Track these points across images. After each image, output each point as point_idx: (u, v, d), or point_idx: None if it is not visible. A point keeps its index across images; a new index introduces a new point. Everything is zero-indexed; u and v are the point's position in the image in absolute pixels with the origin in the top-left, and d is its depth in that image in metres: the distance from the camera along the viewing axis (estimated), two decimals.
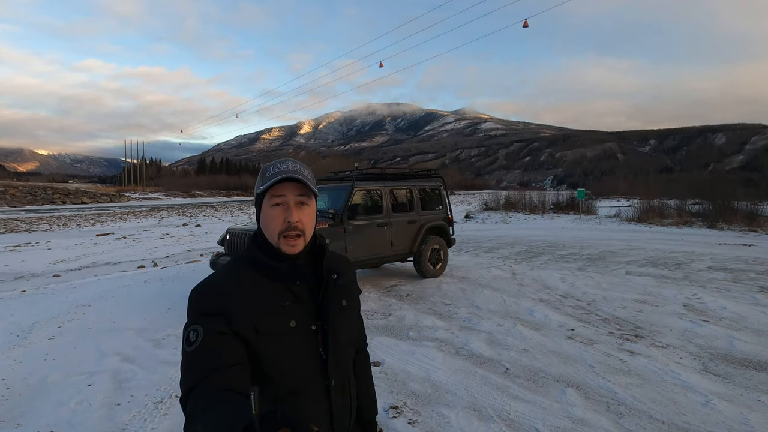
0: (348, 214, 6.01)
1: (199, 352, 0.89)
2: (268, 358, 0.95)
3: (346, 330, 1.09)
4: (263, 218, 1.04)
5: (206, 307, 0.95)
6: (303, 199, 1.02)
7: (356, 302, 1.20)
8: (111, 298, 6.34)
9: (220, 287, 0.98)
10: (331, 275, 1.08)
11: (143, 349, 4.18)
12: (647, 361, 3.67)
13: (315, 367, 1.01)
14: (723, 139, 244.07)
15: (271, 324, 0.96)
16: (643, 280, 6.89)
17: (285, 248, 1.01)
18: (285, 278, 1.01)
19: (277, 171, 1.01)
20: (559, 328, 4.62)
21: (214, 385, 0.85)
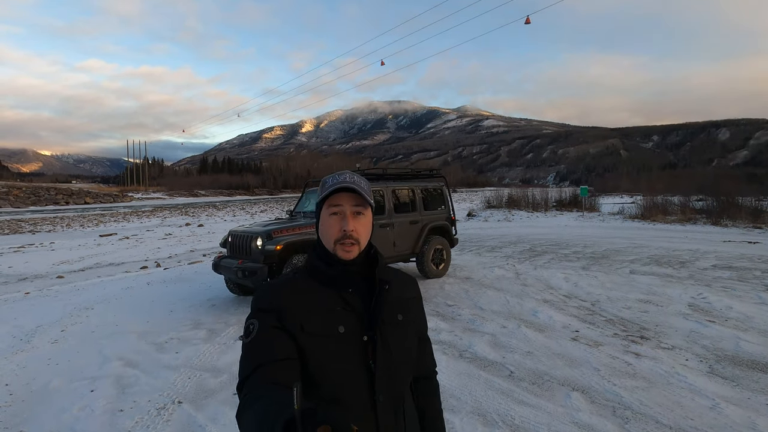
0: None
1: (253, 344, 0.97)
2: (314, 359, 0.97)
3: (401, 346, 1.07)
4: (321, 226, 1.08)
5: (262, 304, 1.03)
6: (359, 209, 1.06)
7: (416, 320, 1.17)
8: (114, 300, 6.34)
9: (276, 287, 1.06)
10: (383, 286, 1.08)
11: (146, 353, 4.17)
12: (653, 363, 3.63)
13: (362, 378, 1.00)
14: (727, 134, 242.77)
15: (317, 325, 0.99)
16: (647, 280, 6.84)
17: (340, 254, 1.04)
18: (337, 285, 1.05)
19: (335, 182, 1.05)
20: (563, 329, 4.59)
21: (263, 377, 0.91)
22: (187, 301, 6.12)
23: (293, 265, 5.19)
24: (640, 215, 19.28)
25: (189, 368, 3.76)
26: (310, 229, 5.65)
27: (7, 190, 50.46)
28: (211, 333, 4.71)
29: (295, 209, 6.97)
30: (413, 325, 1.14)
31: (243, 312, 5.45)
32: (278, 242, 5.17)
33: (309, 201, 6.92)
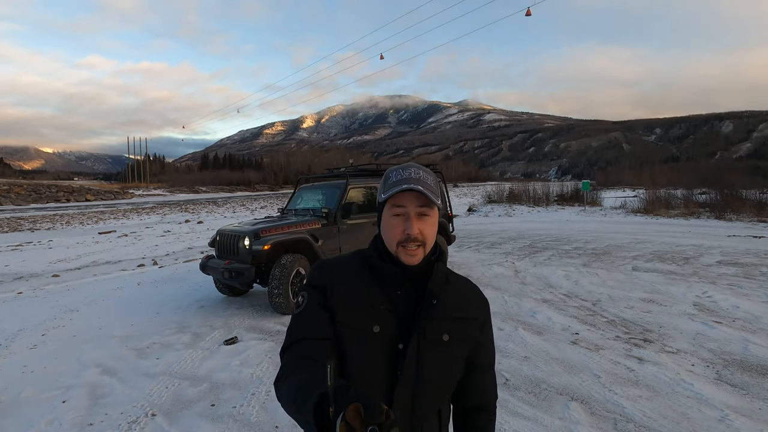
0: (342, 213, 5.78)
1: (299, 317, 0.99)
2: (345, 350, 0.97)
3: (437, 367, 0.99)
4: (383, 225, 1.03)
5: (313, 280, 1.03)
6: (424, 210, 0.98)
7: (468, 344, 1.05)
8: (101, 301, 6.17)
9: (329, 266, 1.05)
10: (431, 299, 1.00)
11: (125, 359, 3.99)
12: (657, 369, 3.44)
13: (384, 385, 0.96)
14: (730, 126, 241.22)
15: (354, 317, 0.97)
16: (650, 277, 6.64)
17: (404, 258, 0.99)
18: (386, 282, 1.00)
19: (399, 179, 0.98)
20: (562, 331, 4.39)
21: (302, 351, 0.93)
22: (175, 302, 5.95)
23: (282, 266, 5.00)
24: (643, 209, 19.03)
25: (168, 376, 3.57)
26: (301, 227, 5.46)
27: (8, 187, 50.42)
28: (195, 337, 4.53)
29: (287, 207, 6.76)
30: (462, 348, 1.04)
31: (230, 315, 5.27)
32: (266, 242, 4.97)
33: (301, 198, 6.72)
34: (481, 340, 1.08)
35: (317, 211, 5.90)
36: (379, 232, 1.05)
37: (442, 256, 1.07)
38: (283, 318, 5.05)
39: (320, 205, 6.13)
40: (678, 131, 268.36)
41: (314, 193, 6.59)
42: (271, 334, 4.56)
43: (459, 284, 1.09)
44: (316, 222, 5.62)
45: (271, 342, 4.29)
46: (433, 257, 1.04)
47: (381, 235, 1.04)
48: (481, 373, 1.09)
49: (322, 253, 5.56)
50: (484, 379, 1.10)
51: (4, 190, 48.28)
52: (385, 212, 1.01)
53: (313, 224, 5.57)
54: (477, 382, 1.09)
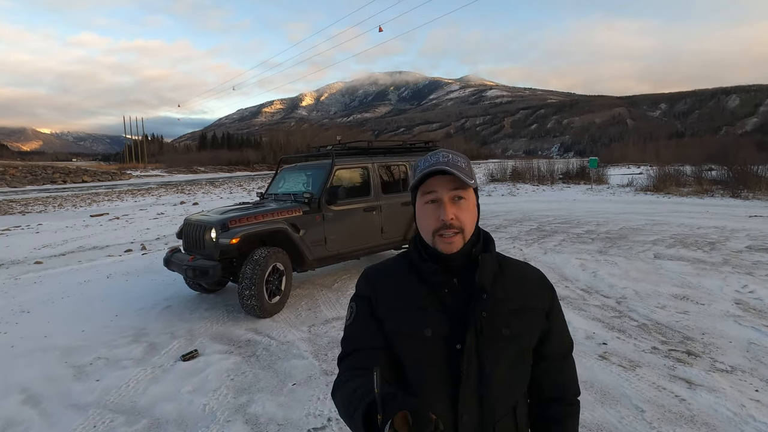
0: (327, 198, 5.00)
1: (351, 328, 1.00)
2: (400, 357, 0.94)
3: (502, 364, 0.93)
4: (418, 217, 0.99)
5: (360, 290, 1.03)
6: (458, 192, 0.93)
7: (532, 336, 0.97)
8: (60, 300, 5.47)
9: (373, 274, 1.04)
10: (480, 294, 0.93)
11: (58, 381, 3.29)
12: (714, 398, 2.72)
13: (446, 390, 0.91)
14: (737, 101, 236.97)
15: (400, 325, 0.94)
16: (677, 267, 5.90)
17: (441, 247, 0.94)
18: (432, 282, 0.95)
19: (428, 164, 0.94)
20: (587, 341, 3.68)
21: (354, 361, 0.93)
22: (140, 301, 5.24)
23: (254, 262, 4.26)
24: (652, 187, 18.21)
25: (100, 408, 2.87)
26: (278, 216, 4.69)
27: (3, 169, 49.63)
28: (150, 349, 3.83)
29: (267, 191, 5.98)
30: (527, 340, 0.97)
31: (197, 318, 4.56)
32: (235, 234, 4.21)
33: (284, 181, 5.93)
34: (548, 328, 1.01)
35: (299, 196, 5.12)
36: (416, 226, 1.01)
37: (489, 244, 1.00)
38: (256, 323, 4.34)
39: (303, 189, 5.35)
40: (683, 106, 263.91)
41: (298, 176, 5.80)
42: (239, 345, 3.85)
43: (516, 271, 1.02)
44: (297, 209, 4.84)
45: (237, 357, 3.59)
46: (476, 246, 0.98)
47: (418, 229, 1.00)
48: (552, 362, 1.02)
49: (304, 246, 4.81)
50: (558, 370, 1.02)
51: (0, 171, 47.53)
52: (417, 202, 0.98)
53: (293, 212, 4.80)
54: (550, 374, 1.02)
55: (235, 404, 2.86)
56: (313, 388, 3.02)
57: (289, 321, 4.38)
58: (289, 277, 4.66)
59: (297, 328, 4.19)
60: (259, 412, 2.75)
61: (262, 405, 2.82)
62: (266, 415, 2.71)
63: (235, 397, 2.96)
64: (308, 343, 3.80)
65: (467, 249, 0.95)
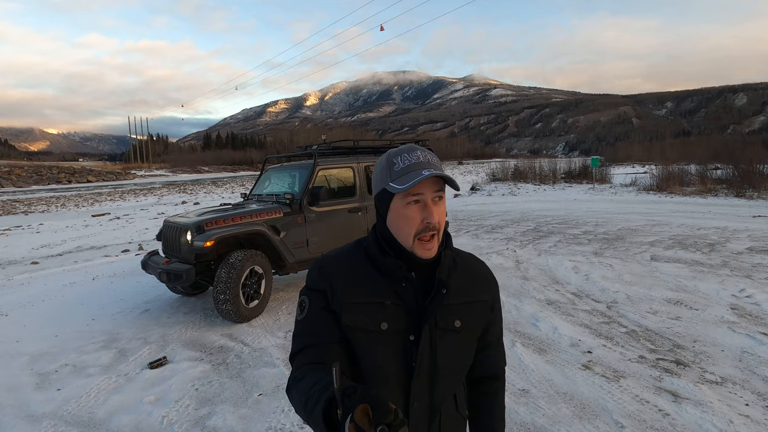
0: (308, 199, 4.85)
1: (304, 324, 0.96)
2: (355, 349, 0.94)
3: (452, 354, 0.97)
4: (395, 218, 0.95)
5: (312, 283, 0.99)
6: (440, 193, 0.94)
7: (480, 326, 1.03)
8: (41, 302, 5.37)
9: (327, 266, 0.99)
10: (440, 289, 0.95)
11: (19, 390, 3.17)
12: (700, 413, 2.55)
13: (400, 379, 0.93)
14: (744, 99, 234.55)
15: (357, 318, 0.93)
16: (673, 269, 5.71)
17: (421, 252, 0.93)
18: (390, 276, 0.94)
19: (409, 164, 0.92)
20: (571, 348, 3.51)
21: (310, 356, 0.90)
22: (120, 304, 5.12)
23: (230, 265, 4.12)
24: (656, 186, 17.94)
25: (55, 420, 2.75)
26: (257, 218, 4.56)
27: (9, 169, 49.95)
28: (120, 355, 3.70)
29: (251, 192, 5.85)
30: (473, 331, 1.02)
31: (173, 323, 4.43)
32: (209, 237, 4.08)
33: (270, 181, 5.80)
34: (491, 319, 1.07)
35: (281, 197, 4.98)
36: (381, 222, 0.99)
37: (449, 239, 1.01)
38: (231, 328, 4.20)
39: (284, 190, 5.21)
40: (690, 104, 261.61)
41: (282, 176, 5.66)
42: (211, 351, 3.71)
43: (466, 266, 1.04)
44: (278, 210, 4.70)
45: (206, 365, 3.45)
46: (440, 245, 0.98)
47: (386, 226, 0.97)
48: (493, 348, 1.08)
49: (285, 248, 4.67)
50: (494, 353, 1.09)
51: (5, 172, 47.80)
52: (397, 202, 0.94)
53: (274, 213, 4.66)
54: (487, 357, 1.08)
55: (195, 416, 2.73)
56: (279, 399, 2.88)
57: (267, 326, 4.24)
58: (268, 280, 4.52)
59: (273, 333, 4.05)
60: (219, 425, 2.62)
61: (222, 417, 2.69)
62: (225, 428, 2.58)
63: (196, 408, 2.82)
64: (282, 350, 3.66)
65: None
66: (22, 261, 8.23)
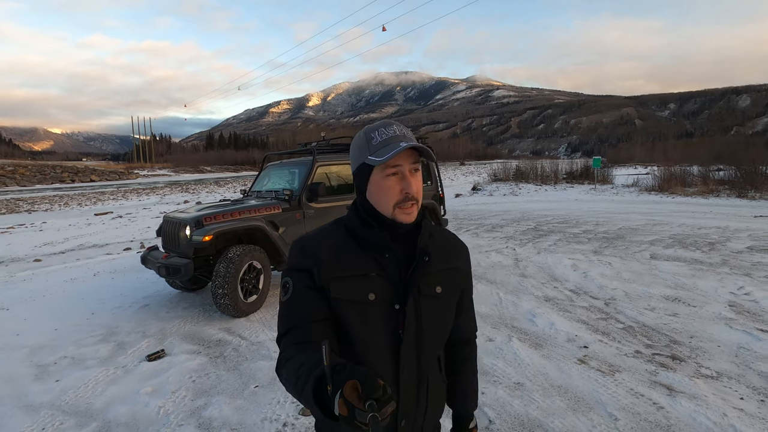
0: (307, 195, 4.87)
1: (288, 304, 0.97)
2: (344, 322, 0.96)
3: (435, 320, 1.01)
4: (375, 190, 0.98)
5: (295, 263, 1.00)
6: (416, 165, 0.98)
7: (457, 292, 1.09)
8: (41, 297, 5.41)
9: (310, 245, 1.00)
10: (423, 257, 0.99)
11: (18, 381, 3.20)
12: (694, 406, 2.56)
13: (389, 348, 0.97)
14: (747, 101, 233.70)
15: (347, 290, 0.96)
16: (672, 267, 5.71)
17: (401, 218, 0.97)
18: (374, 248, 0.98)
19: (386, 138, 0.96)
20: (567, 343, 3.52)
21: (298, 336, 0.92)
22: (120, 299, 5.15)
23: (228, 260, 4.14)
24: (657, 187, 17.91)
25: (53, 410, 2.77)
26: (256, 213, 4.58)
27: (14, 168, 50.17)
28: (118, 348, 3.73)
29: (251, 188, 5.87)
30: (452, 296, 1.07)
31: (172, 317, 4.46)
32: (207, 231, 4.10)
33: (268, 178, 5.82)
34: (465, 286, 1.12)
35: (280, 194, 5.00)
36: (362, 197, 1.02)
37: (425, 211, 1.05)
38: (229, 323, 4.22)
39: (283, 186, 5.23)
40: (693, 106, 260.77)
41: (281, 173, 5.68)
42: (208, 345, 3.73)
43: (440, 236, 1.09)
44: (276, 206, 4.73)
45: (204, 357, 3.47)
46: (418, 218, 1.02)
47: (365, 200, 1.01)
48: (466, 313, 1.15)
49: (283, 244, 4.69)
50: (467, 318, 1.16)
51: (9, 171, 48.01)
52: (376, 174, 0.97)
53: (273, 209, 4.69)
54: (462, 323, 1.14)
55: (192, 407, 2.75)
56: (275, 391, 2.90)
57: (265, 321, 4.26)
58: (267, 275, 4.54)
59: (271, 328, 4.07)
60: (215, 415, 2.63)
61: (218, 408, 2.70)
62: (221, 419, 2.59)
63: (192, 399, 2.84)
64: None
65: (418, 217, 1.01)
66: (25, 258, 8.29)
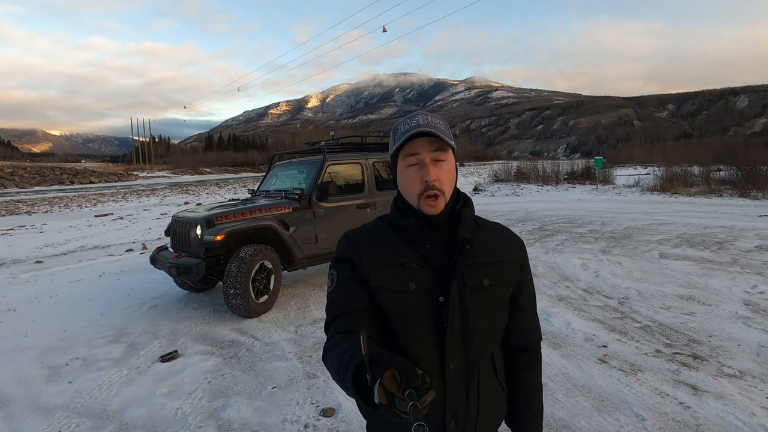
0: (317, 195, 4.84)
1: (333, 294, 1.00)
2: (385, 312, 0.96)
3: (482, 313, 0.96)
4: (400, 180, 1.00)
5: (339, 254, 1.03)
6: (438, 154, 0.96)
7: (508, 286, 1.02)
8: (48, 298, 5.36)
9: (354, 237, 1.04)
10: (464, 245, 0.97)
11: (30, 382, 3.15)
12: (721, 405, 2.52)
13: (432, 341, 0.94)
14: (745, 101, 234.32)
15: (386, 279, 0.96)
16: (683, 266, 5.68)
17: (425, 208, 0.96)
18: (414, 238, 0.98)
19: (408, 127, 0.96)
20: (586, 343, 3.48)
21: (342, 325, 0.94)
22: (128, 299, 5.11)
23: (239, 260, 4.10)
24: (659, 187, 17.90)
25: (68, 411, 2.73)
26: (267, 212, 4.54)
27: (13, 170, 50.03)
28: (130, 349, 3.68)
29: (259, 188, 5.83)
30: (503, 290, 1.01)
31: (183, 318, 4.41)
32: (220, 231, 4.06)
33: (276, 178, 5.79)
34: (521, 280, 1.06)
35: (290, 193, 4.96)
36: (398, 190, 1.03)
37: (468, 202, 1.03)
38: (242, 323, 4.18)
39: (293, 185, 5.19)
40: (691, 107, 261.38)
41: (290, 172, 5.64)
42: (222, 346, 3.69)
43: (490, 228, 1.06)
44: (287, 206, 4.69)
45: (218, 358, 3.43)
46: (458, 205, 1.01)
47: (399, 192, 1.02)
48: (524, 314, 1.07)
49: (294, 243, 4.65)
50: (528, 321, 1.08)
51: (8, 173, 47.88)
52: (399, 166, 0.99)
53: (283, 208, 4.65)
54: (521, 325, 1.07)
55: (210, 408, 2.70)
56: (294, 392, 2.85)
57: (277, 321, 4.22)
58: (278, 275, 4.50)
59: (284, 328, 4.02)
60: (233, 417, 2.59)
61: (237, 409, 2.66)
62: (240, 420, 2.55)
63: (210, 400, 2.80)
64: (293, 345, 3.64)
65: (449, 207, 0.98)
66: (27, 260, 8.22)
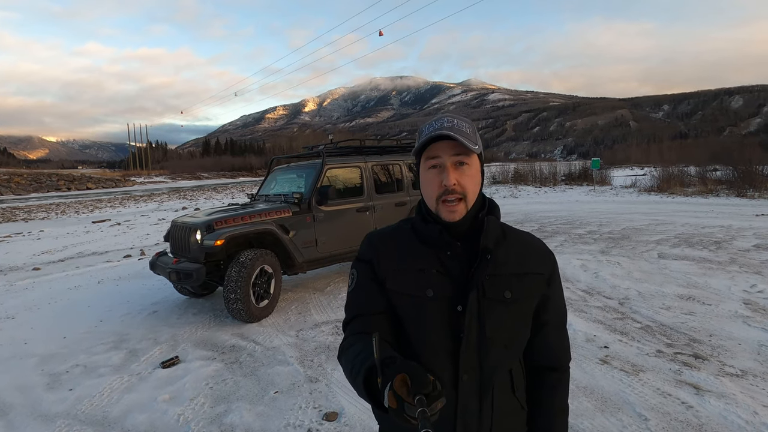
0: (317, 199, 4.84)
1: (353, 294, 1.01)
2: (401, 316, 0.95)
3: (502, 326, 0.92)
4: (421, 182, 0.98)
5: (361, 254, 1.03)
6: (461, 158, 0.92)
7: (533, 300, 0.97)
8: (47, 305, 5.33)
9: (375, 238, 1.03)
10: (485, 255, 0.93)
11: (30, 390, 3.14)
12: (723, 404, 2.53)
13: (447, 350, 0.91)
14: (740, 101, 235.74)
15: (403, 283, 0.94)
16: (682, 266, 5.70)
17: (444, 214, 0.93)
18: (435, 244, 0.95)
19: (431, 129, 0.92)
20: (587, 343, 3.49)
21: (358, 326, 0.94)
22: (127, 305, 5.09)
23: (240, 264, 4.10)
24: (656, 187, 17.97)
25: (69, 419, 2.71)
26: (266, 217, 4.54)
27: (9, 177, 49.86)
28: (131, 355, 3.67)
29: (258, 192, 5.83)
30: (526, 304, 0.96)
31: (183, 323, 4.40)
32: (220, 236, 4.06)
33: (275, 182, 5.79)
34: (548, 294, 0.99)
35: (289, 197, 4.96)
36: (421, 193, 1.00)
37: (494, 209, 1.00)
38: (242, 328, 4.17)
39: (292, 189, 5.19)
40: (686, 107, 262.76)
41: (289, 176, 5.65)
42: (223, 351, 3.68)
43: (518, 238, 1.01)
44: (286, 210, 4.69)
45: (219, 363, 3.42)
46: (481, 212, 0.98)
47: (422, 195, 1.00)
48: (550, 330, 1.00)
49: (294, 248, 4.65)
50: (555, 337, 1.01)
51: (5, 180, 47.71)
52: (421, 167, 0.97)
53: (283, 212, 4.65)
54: (546, 341, 1.01)
55: (212, 414, 2.69)
56: (296, 397, 2.85)
57: (277, 325, 4.21)
58: (278, 280, 4.50)
59: (285, 332, 4.02)
60: (236, 422, 2.58)
61: (239, 415, 2.65)
62: (243, 426, 2.54)
63: (212, 406, 2.79)
64: (295, 349, 3.63)
65: (471, 214, 0.95)
66: (24, 267, 8.18)
